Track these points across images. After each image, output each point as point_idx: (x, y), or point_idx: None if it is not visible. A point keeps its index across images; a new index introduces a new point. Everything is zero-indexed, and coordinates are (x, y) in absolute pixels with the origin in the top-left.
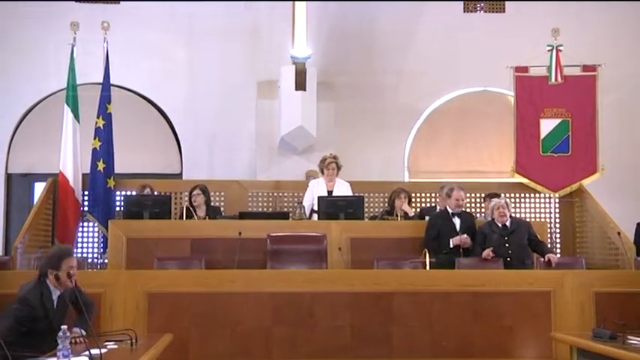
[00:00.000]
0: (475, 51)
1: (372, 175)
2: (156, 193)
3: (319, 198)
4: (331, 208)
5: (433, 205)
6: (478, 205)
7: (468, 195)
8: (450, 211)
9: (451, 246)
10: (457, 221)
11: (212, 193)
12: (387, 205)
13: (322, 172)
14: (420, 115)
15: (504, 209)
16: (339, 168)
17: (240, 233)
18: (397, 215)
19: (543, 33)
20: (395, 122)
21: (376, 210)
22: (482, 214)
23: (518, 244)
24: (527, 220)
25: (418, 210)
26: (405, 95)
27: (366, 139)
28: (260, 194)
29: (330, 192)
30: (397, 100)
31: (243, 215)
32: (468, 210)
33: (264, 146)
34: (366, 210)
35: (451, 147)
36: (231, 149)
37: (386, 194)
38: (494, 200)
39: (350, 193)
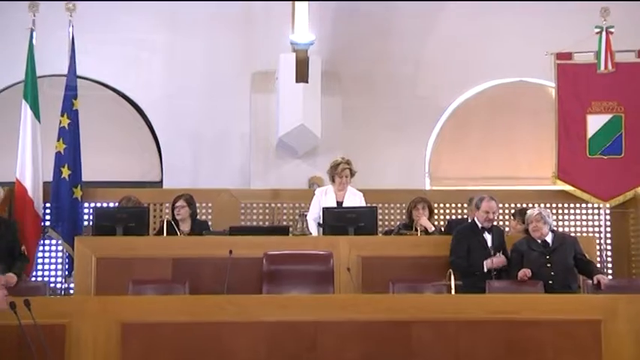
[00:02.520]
0: (509, 35)
1: (388, 183)
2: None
3: (324, 210)
4: (339, 221)
5: (464, 217)
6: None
7: (501, 206)
8: (479, 224)
9: (485, 270)
10: (488, 237)
11: (198, 205)
12: (404, 217)
13: (333, 180)
14: (444, 111)
15: (539, 222)
16: (352, 175)
17: (230, 252)
18: (417, 230)
19: (590, 13)
20: (414, 120)
21: (392, 223)
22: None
23: (562, 264)
24: (573, 235)
25: (443, 223)
26: (425, 88)
27: (379, 141)
28: (255, 206)
29: (339, 203)
30: (416, 94)
31: (234, 230)
32: (501, 223)
33: (260, 149)
34: (380, 223)
35: (481, 149)
36: (220, 153)
37: (403, 205)
38: (529, 212)
39: (363, 204)
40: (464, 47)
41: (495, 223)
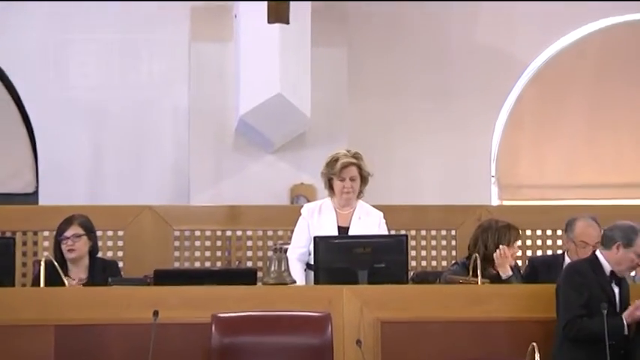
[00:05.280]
0: None
1: (426, 196)
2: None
3: (318, 241)
4: (342, 260)
5: (555, 251)
6: None
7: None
8: (609, 267)
9: (625, 331)
10: (616, 289)
11: (101, 234)
12: (454, 253)
13: (331, 188)
14: (521, 72)
15: None
16: (364, 179)
17: (156, 314)
18: (477, 274)
19: None
20: (469, 88)
21: (433, 264)
22: None
23: None
24: None
25: (522, 261)
26: (488, 34)
27: (411, 125)
28: (197, 234)
29: (343, 229)
30: (474, 43)
31: (162, 277)
32: None
33: (205, 137)
34: (412, 263)
35: (586, 136)
36: (138, 145)
37: (453, 233)
38: None
39: (384, 231)
40: None
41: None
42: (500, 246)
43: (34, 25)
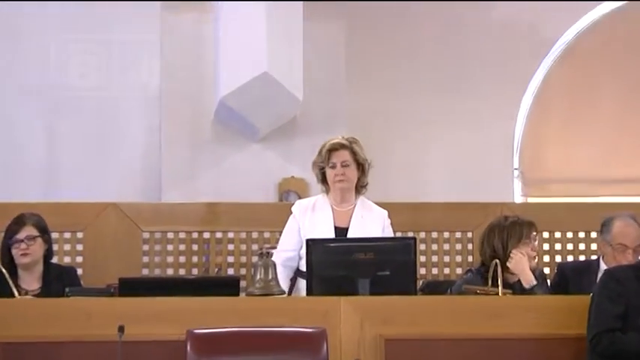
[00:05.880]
0: None
1: (436, 192)
2: None
3: (311, 244)
4: (339, 266)
5: (589, 255)
6: None
7: None
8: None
9: None
10: None
11: (56, 236)
12: (479, 258)
13: (323, 180)
14: (547, 51)
15: None
16: (360, 165)
17: (121, 330)
18: (496, 284)
19: None
20: (488, 69)
21: (446, 272)
22: None
23: None
24: None
25: (550, 269)
26: (508, 7)
27: (421, 110)
28: (170, 237)
29: (340, 230)
30: (492, 19)
31: (129, 286)
32: None
33: (180, 123)
34: (422, 271)
35: (622, 122)
36: (100, 132)
37: (469, 235)
38: None
39: (390, 234)
40: None
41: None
42: (516, 247)
43: None
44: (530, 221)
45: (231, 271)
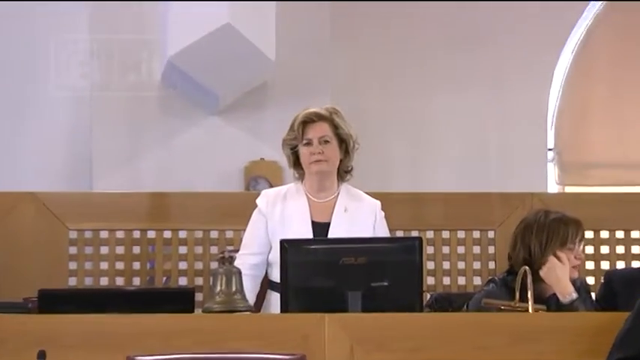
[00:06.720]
0: None
1: (442, 178)
2: None
3: (287, 247)
4: (323, 273)
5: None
6: None
7: None
8: None
9: None
10: None
11: None
12: (506, 264)
13: (296, 164)
14: (583, 10)
15: None
16: (344, 142)
17: (41, 356)
18: (522, 298)
19: None
20: (512, 25)
21: (460, 282)
22: None
23: None
24: None
25: (595, 278)
26: None
27: (425, 73)
28: (103, 236)
29: (321, 226)
30: None
31: (51, 300)
32: None
33: (118, 92)
34: (430, 281)
35: None
36: (13, 105)
37: (490, 235)
38: None
39: (384, 232)
40: None
41: None
42: (557, 252)
43: None
44: (577, 219)
45: (183, 281)
